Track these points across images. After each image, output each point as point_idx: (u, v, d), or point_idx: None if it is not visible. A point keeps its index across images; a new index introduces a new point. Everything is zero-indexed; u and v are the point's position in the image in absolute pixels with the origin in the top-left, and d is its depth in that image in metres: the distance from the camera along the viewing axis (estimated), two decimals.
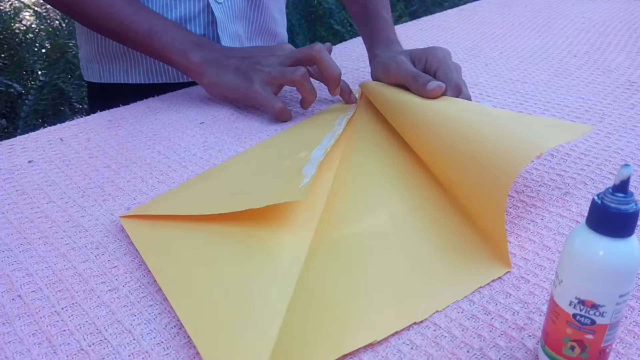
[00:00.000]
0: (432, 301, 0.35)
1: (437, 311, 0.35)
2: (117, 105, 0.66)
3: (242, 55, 0.64)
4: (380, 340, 0.33)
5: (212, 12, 0.71)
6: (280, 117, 0.61)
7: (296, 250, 0.40)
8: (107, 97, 0.77)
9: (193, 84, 0.73)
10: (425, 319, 0.34)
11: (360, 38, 0.88)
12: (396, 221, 0.43)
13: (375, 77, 0.65)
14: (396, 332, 0.33)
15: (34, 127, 1.54)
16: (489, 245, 0.40)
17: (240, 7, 0.74)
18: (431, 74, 0.57)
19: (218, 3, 0.71)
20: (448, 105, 0.52)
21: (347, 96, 0.64)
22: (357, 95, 0.67)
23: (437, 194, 0.46)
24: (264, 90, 0.61)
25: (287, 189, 0.43)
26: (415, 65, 0.60)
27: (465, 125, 0.47)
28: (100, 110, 0.65)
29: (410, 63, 0.60)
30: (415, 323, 0.34)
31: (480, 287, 0.37)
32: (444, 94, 0.54)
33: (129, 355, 0.32)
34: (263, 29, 0.80)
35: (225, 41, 0.73)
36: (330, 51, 0.63)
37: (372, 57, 0.68)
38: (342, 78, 0.62)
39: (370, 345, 0.33)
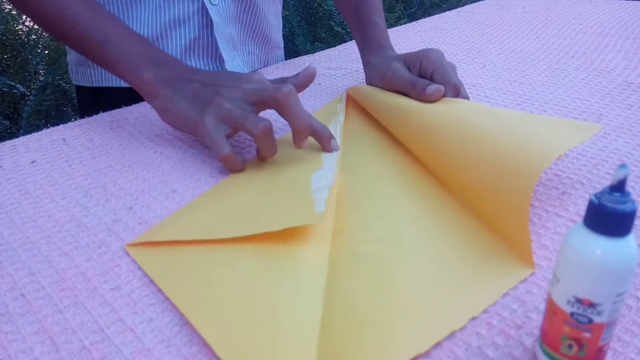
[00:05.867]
0: (466, 307, 0.35)
1: (473, 317, 0.34)
2: (108, 109, 0.66)
3: (205, 80, 0.53)
4: None
5: (208, 14, 0.70)
6: (226, 165, 0.51)
7: (316, 263, 0.39)
8: (98, 101, 0.76)
9: None
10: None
11: None
12: (412, 227, 0.43)
13: (370, 85, 0.65)
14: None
15: (37, 128, 1.55)
16: (510, 247, 0.40)
17: (233, 9, 0.74)
18: (427, 77, 0.57)
19: (213, 5, 0.71)
20: (453, 108, 0.52)
21: (325, 142, 0.52)
22: (343, 100, 0.66)
23: (447, 198, 0.46)
24: (214, 129, 0.50)
25: (302, 212, 0.42)
26: (410, 71, 0.60)
27: (476, 127, 0.47)
28: (91, 115, 0.65)
29: (405, 69, 0.60)
30: (454, 331, 0.33)
31: (510, 289, 0.37)
32: (443, 95, 0.55)
33: (131, 353, 0.32)
34: (257, 32, 0.80)
35: (221, 44, 0.73)
36: (313, 76, 0.55)
37: (365, 64, 0.68)
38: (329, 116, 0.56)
39: None
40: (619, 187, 0.26)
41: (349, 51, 0.89)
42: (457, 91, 0.55)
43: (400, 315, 0.34)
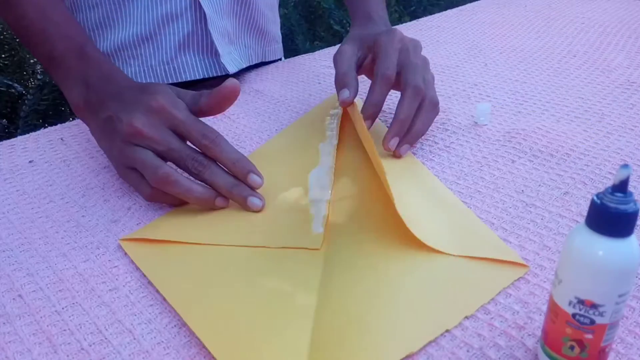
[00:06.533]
0: (460, 306, 0.35)
1: (466, 317, 0.34)
2: None
3: (119, 97, 0.47)
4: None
5: (201, 8, 0.69)
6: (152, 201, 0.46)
7: (311, 263, 0.39)
8: None
9: (190, 84, 0.73)
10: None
11: None
12: (406, 227, 0.42)
13: None
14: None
15: (35, 127, 1.54)
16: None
17: (226, 2, 0.73)
18: (375, 64, 0.54)
19: None
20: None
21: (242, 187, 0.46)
22: (337, 119, 0.62)
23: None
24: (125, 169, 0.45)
25: (300, 233, 0.42)
26: (360, 55, 0.56)
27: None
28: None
29: (353, 54, 0.56)
30: (446, 330, 0.33)
31: (504, 288, 0.37)
32: (403, 95, 0.51)
33: (130, 355, 0.32)
34: (252, 25, 0.79)
35: (216, 38, 0.72)
36: (236, 92, 0.45)
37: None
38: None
39: None
40: (621, 187, 0.26)
41: None
42: (418, 94, 0.51)
43: (393, 315, 0.34)
